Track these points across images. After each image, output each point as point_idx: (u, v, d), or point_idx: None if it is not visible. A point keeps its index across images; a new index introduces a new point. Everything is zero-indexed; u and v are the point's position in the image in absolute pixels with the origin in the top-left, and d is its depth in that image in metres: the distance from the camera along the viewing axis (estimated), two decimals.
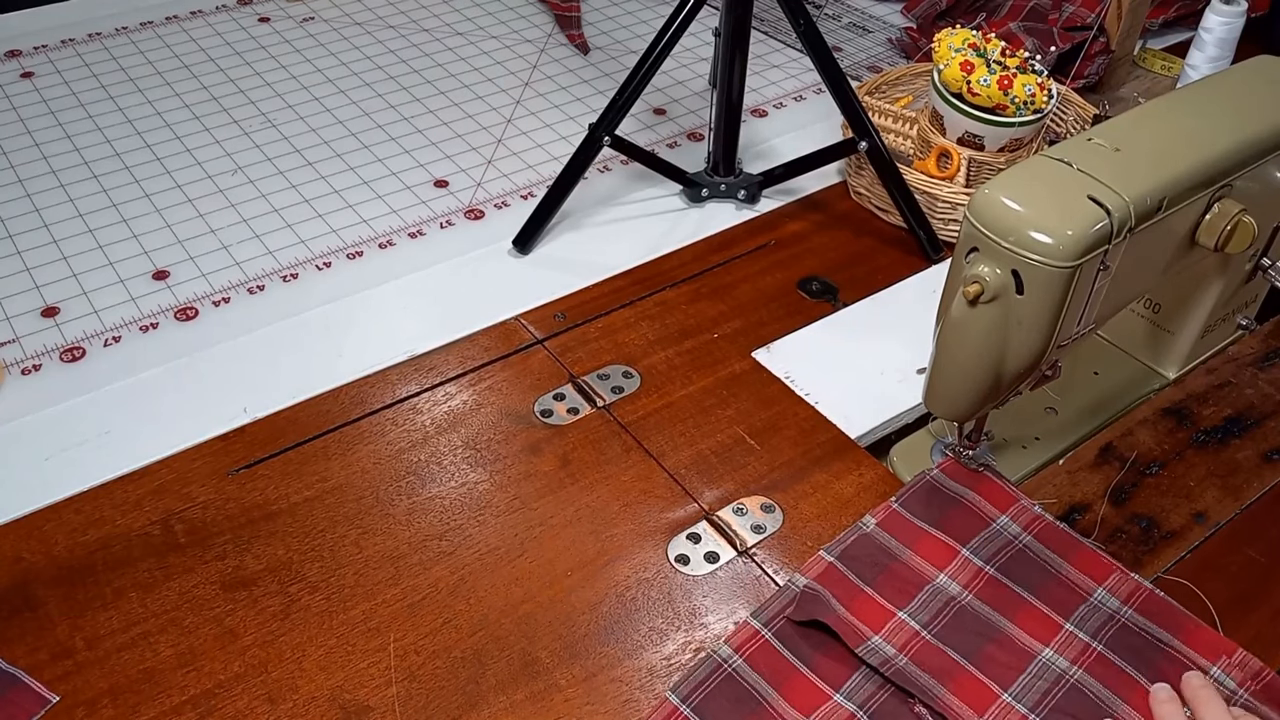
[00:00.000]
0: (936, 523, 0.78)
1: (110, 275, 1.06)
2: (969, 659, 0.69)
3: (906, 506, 0.79)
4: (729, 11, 1.06)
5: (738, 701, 0.68)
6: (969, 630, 0.71)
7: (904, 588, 0.74)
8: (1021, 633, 0.71)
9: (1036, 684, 0.68)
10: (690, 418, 0.91)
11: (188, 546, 0.79)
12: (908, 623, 0.71)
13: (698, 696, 0.68)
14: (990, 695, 0.67)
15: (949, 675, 0.68)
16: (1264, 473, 0.85)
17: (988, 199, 0.69)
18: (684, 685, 0.69)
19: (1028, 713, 0.67)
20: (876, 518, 0.78)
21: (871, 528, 0.77)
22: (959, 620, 0.72)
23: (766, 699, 0.68)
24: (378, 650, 0.73)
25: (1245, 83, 0.81)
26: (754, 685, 0.69)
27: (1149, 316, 0.94)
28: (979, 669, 0.69)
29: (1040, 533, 0.77)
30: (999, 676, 0.69)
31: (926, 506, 0.79)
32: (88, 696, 0.70)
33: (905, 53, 1.47)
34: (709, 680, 0.69)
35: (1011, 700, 0.67)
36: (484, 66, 1.42)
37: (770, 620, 0.72)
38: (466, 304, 1.02)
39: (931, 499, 0.79)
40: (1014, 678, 0.69)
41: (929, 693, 0.67)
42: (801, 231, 1.13)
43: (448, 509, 0.82)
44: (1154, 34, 1.47)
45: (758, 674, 0.69)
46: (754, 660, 0.70)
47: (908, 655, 0.69)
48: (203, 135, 1.27)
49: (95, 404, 0.91)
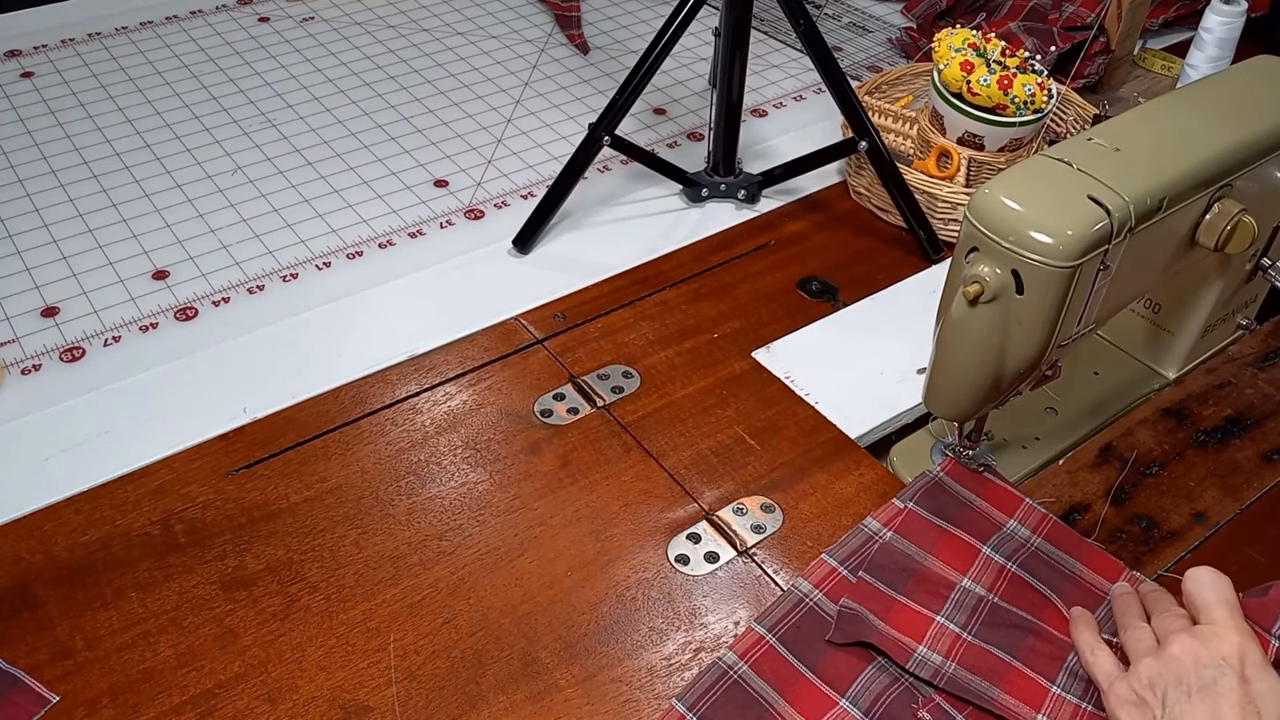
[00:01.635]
0: (954, 521, 0.77)
1: (110, 275, 1.06)
2: (1013, 654, 0.69)
3: (922, 504, 0.79)
4: (729, 11, 1.06)
5: (744, 709, 0.68)
6: (1007, 625, 0.71)
7: (935, 589, 0.73)
8: (1051, 629, 0.71)
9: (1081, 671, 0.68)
10: (690, 418, 0.91)
11: (188, 546, 0.79)
12: (947, 626, 0.71)
13: (704, 705, 0.68)
14: (1041, 690, 0.67)
15: (999, 675, 0.68)
16: (1264, 473, 0.85)
17: (988, 199, 0.69)
18: (690, 693, 0.68)
19: (1078, 702, 0.67)
20: (881, 519, 0.78)
21: (889, 536, 0.77)
22: (995, 616, 0.71)
23: (773, 706, 0.68)
24: (378, 650, 0.73)
25: (1245, 83, 0.81)
26: (760, 692, 0.68)
27: (1149, 316, 0.94)
28: (1025, 664, 0.69)
29: (1049, 534, 0.78)
30: (1044, 669, 0.68)
31: (938, 504, 0.79)
32: (88, 696, 0.70)
33: (905, 53, 1.47)
34: (715, 688, 0.69)
35: (1061, 691, 0.67)
36: (484, 66, 1.42)
37: (775, 625, 0.72)
38: (466, 304, 1.02)
39: (940, 502, 0.79)
40: (1057, 669, 0.68)
41: (984, 696, 0.67)
42: (801, 231, 1.13)
43: (448, 509, 0.82)
44: (1154, 34, 1.47)
45: (763, 680, 0.69)
46: (759, 666, 0.70)
47: (955, 660, 0.69)
48: (203, 135, 1.27)
49: (95, 404, 0.92)
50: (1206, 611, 0.64)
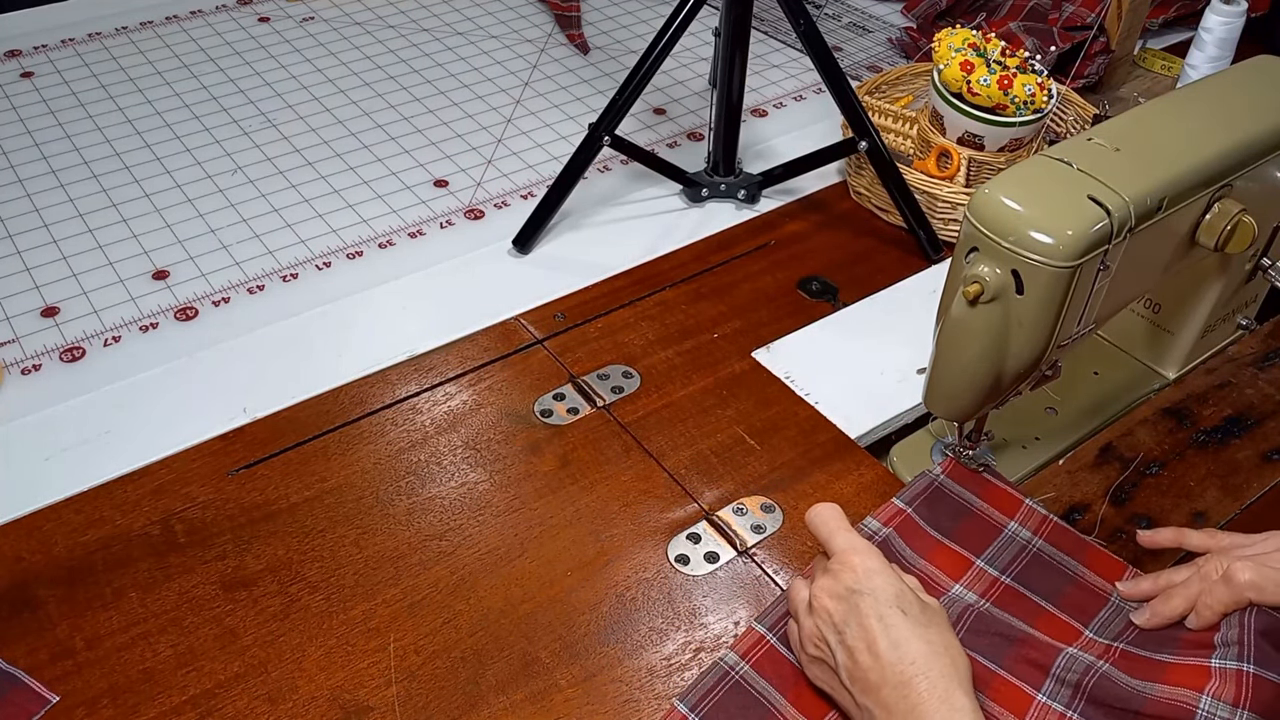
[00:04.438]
0: (949, 534, 0.77)
1: (110, 275, 1.06)
2: (997, 662, 0.68)
3: (918, 514, 0.78)
4: (729, 11, 1.07)
5: (746, 709, 0.67)
6: (992, 632, 0.70)
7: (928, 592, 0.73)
8: (1043, 636, 0.71)
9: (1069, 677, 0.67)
10: (690, 418, 0.91)
11: (188, 546, 0.79)
12: None
13: (706, 705, 0.68)
14: (1026, 698, 0.67)
15: (984, 683, 0.67)
16: (1264, 473, 0.85)
17: (988, 199, 0.69)
18: (692, 694, 0.68)
19: (1064, 710, 0.66)
20: (880, 518, 0.78)
21: (887, 534, 0.76)
22: (980, 624, 0.71)
23: (775, 705, 0.68)
24: (378, 650, 0.73)
25: (1245, 83, 0.81)
26: (762, 692, 0.68)
27: (1149, 316, 0.94)
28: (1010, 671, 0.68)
29: (1050, 535, 0.77)
30: (1029, 676, 0.68)
31: (935, 514, 0.78)
32: (88, 696, 0.70)
33: (905, 53, 1.47)
34: (717, 688, 0.68)
35: (1046, 699, 0.67)
36: (484, 66, 1.42)
37: (775, 625, 0.72)
38: (466, 304, 1.02)
39: (939, 505, 0.79)
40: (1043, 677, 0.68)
41: None
42: (801, 231, 1.13)
43: (448, 509, 0.82)
44: (1154, 34, 1.47)
45: (765, 680, 0.69)
46: (760, 666, 0.70)
47: None
48: (203, 135, 1.27)
49: (95, 404, 0.91)
50: (827, 546, 0.68)
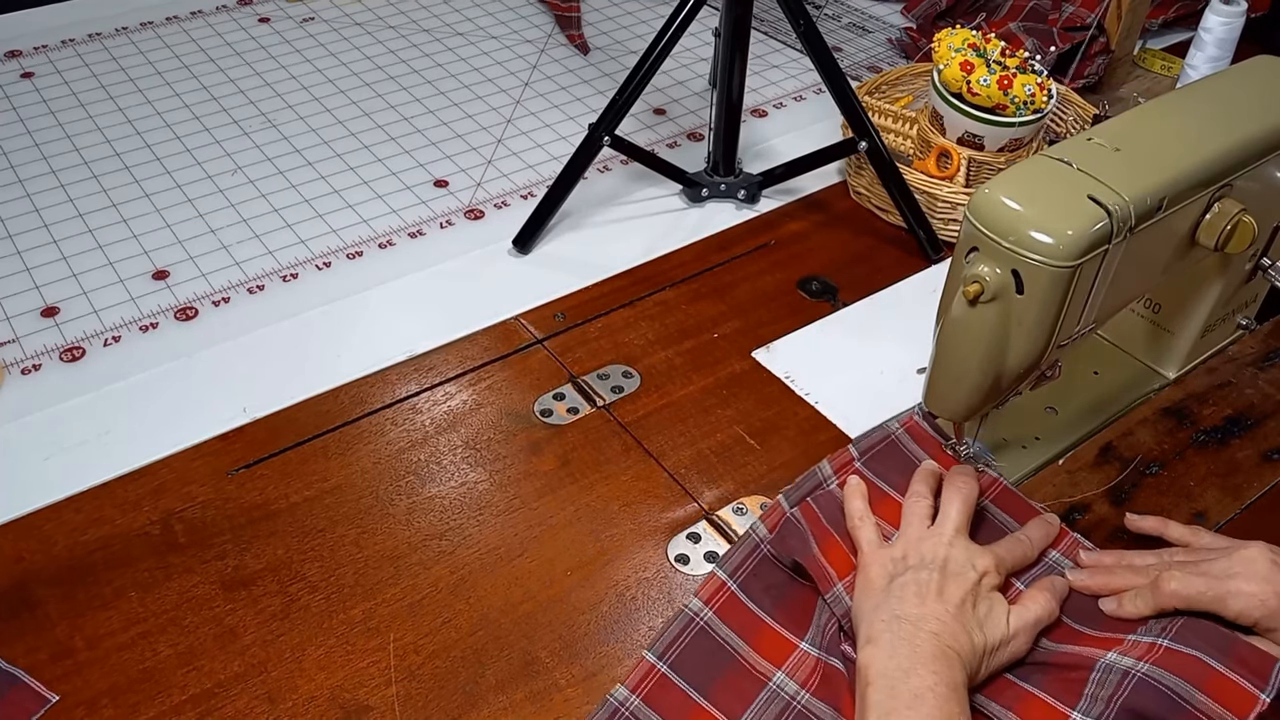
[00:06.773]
0: (897, 487, 0.78)
1: (110, 275, 1.06)
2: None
3: (869, 467, 0.79)
4: (729, 11, 1.07)
5: (712, 654, 0.70)
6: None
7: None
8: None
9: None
10: (690, 418, 0.91)
11: (187, 546, 0.79)
12: None
13: (673, 653, 0.69)
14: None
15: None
16: (1264, 473, 0.85)
17: (988, 199, 0.69)
18: (659, 643, 0.70)
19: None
20: (834, 464, 0.79)
21: (833, 486, 0.78)
22: None
23: (739, 652, 0.70)
24: (378, 650, 0.73)
25: (1245, 83, 0.81)
26: (726, 640, 0.70)
27: (1149, 316, 0.94)
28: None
29: (998, 498, 0.78)
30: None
31: (887, 468, 0.79)
32: (88, 696, 0.70)
33: (905, 53, 1.47)
34: (682, 636, 0.70)
35: None
36: (484, 66, 1.42)
37: (735, 571, 0.74)
38: (466, 304, 1.02)
39: (888, 465, 0.79)
40: None
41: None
42: (801, 231, 1.13)
43: (448, 509, 0.82)
44: (1154, 34, 1.47)
45: (728, 628, 0.71)
46: (723, 613, 0.72)
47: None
48: (203, 135, 1.27)
49: (95, 404, 0.91)
50: (943, 511, 0.72)
